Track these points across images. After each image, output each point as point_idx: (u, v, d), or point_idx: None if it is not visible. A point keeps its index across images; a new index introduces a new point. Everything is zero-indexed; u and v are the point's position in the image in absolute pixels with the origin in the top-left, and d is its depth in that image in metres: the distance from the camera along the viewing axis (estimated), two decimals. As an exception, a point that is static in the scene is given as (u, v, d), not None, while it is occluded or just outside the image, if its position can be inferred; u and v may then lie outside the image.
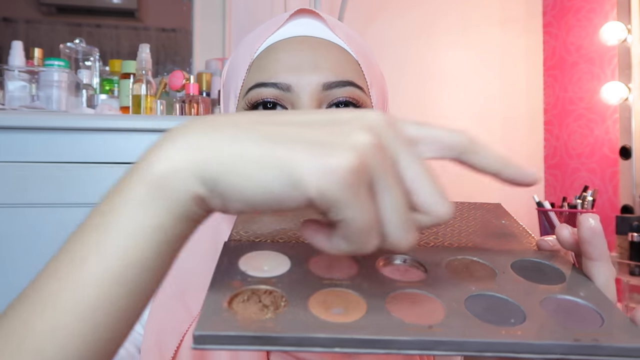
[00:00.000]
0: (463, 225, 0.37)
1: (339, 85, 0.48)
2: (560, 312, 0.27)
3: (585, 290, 0.29)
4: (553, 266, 0.32)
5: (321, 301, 0.26)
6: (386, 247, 0.24)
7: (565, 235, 0.32)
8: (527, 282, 0.29)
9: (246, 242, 0.32)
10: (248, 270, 0.28)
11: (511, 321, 0.26)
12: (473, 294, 0.28)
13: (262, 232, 0.34)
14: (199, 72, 1.19)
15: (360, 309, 0.26)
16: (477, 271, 0.31)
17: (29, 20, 1.43)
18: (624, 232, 1.22)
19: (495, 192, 1.64)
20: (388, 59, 1.57)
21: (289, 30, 0.50)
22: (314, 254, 0.31)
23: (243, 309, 0.25)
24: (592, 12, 1.47)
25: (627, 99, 1.33)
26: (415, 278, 0.29)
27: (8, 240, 0.81)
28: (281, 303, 0.26)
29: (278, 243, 0.32)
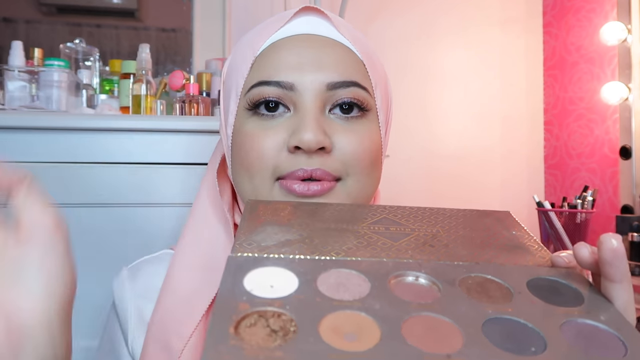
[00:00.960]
0: (473, 235, 0.36)
1: (343, 86, 0.47)
2: (581, 339, 0.26)
3: (606, 314, 0.28)
4: (570, 286, 0.30)
5: (332, 326, 0.25)
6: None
7: (585, 254, 0.30)
8: (545, 304, 0.28)
9: (251, 256, 0.31)
10: (254, 290, 0.27)
11: (532, 350, 0.25)
12: (490, 317, 0.27)
13: (267, 244, 0.33)
14: (199, 72, 1.19)
15: (373, 334, 0.25)
16: (492, 290, 0.30)
17: (29, 20, 1.43)
18: (624, 232, 1.22)
19: (495, 192, 1.64)
20: (388, 59, 1.57)
21: (293, 28, 0.49)
22: (322, 271, 0.30)
23: (250, 335, 0.24)
24: (592, 12, 1.47)
25: (627, 99, 1.33)
26: (429, 299, 0.28)
27: (8, 240, 0.82)
28: (290, 328, 0.25)
29: (284, 258, 0.31)
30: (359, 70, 0.49)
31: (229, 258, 0.31)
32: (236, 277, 0.28)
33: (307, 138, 0.44)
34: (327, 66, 0.47)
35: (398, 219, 0.38)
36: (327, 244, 0.33)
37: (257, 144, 0.47)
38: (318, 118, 0.46)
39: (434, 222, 0.38)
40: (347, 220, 0.37)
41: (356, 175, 0.47)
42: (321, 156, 0.46)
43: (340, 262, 0.31)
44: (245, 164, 0.48)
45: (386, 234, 0.35)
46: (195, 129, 0.88)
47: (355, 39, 0.51)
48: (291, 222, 0.36)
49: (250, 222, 0.36)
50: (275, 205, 0.39)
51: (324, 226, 0.36)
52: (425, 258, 0.32)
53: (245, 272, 0.29)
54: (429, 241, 0.35)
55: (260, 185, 0.47)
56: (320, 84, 0.47)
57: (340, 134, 0.47)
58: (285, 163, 0.46)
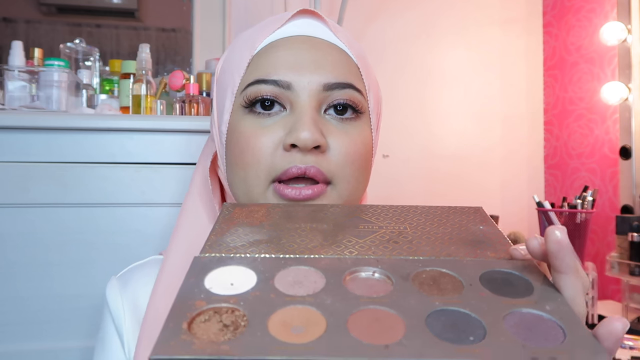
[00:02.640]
0: (439, 231, 0.37)
1: (339, 87, 0.48)
2: (522, 328, 0.26)
3: (552, 304, 0.28)
4: (523, 277, 0.31)
5: (282, 320, 0.26)
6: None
7: (534, 245, 0.31)
8: (493, 296, 0.29)
9: (216, 256, 0.32)
10: (213, 288, 0.28)
11: (470, 339, 0.25)
12: (436, 309, 0.28)
13: (235, 245, 0.34)
14: (199, 72, 1.19)
15: (319, 327, 0.25)
16: (445, 284, 0.30)
17: (29, 20, 1.43)
18: (624, 232, 1.22)
19: (495, 192, 1.64)
20: (388, 59, 1.57)
21: (290, 29, 0.50)
22: (282, 268, 0.31)
23: (203, 330, 0.25)
24: (592, 12, 1.47)
25: (627, 99, 1.33)
26: (381, 292, 0.29)
27: (8, 240, 0.81)
28: (241, 323, 0.26)
29: (249, 257, 0.32)
30: (354, 73, 0.50)
31: (195, 259, 0.32)
32: (198, 277, 0.30)
33: (304, 136, 0.45)
34: (324, 67, 0.48)
35: (369, 217, 0.39)
36: (294, 242, 0.34)
37: (253, 142, 0.47)
38: (314, 117, 0.47)
39: (402, 219, 0.39)
40: (319, 220, 0.38)
41: (347, 177, 0.48)
42: (316, 155, 0.46)
43: (302, 259, 0.32)
44: (241, 162, 0.48)
45: (354, 232, 0.36)
46: (195, 129, 0.88)
47: (351, 43, 0.52)
48: (263, 224, 0.37)
49: (224, 224, 0.37)
50: (251, 207, 0.40)
51: (294, 226, 0.37)
52: (387, 254, 0.33)
53: (207, 271, 0.30)
54: (394, 238, 0.36)
55: (254, 185, 0.48)
56: (317, 84, 0.47)
57: (334, 135, 0.48)
58: (280, 161, 0.46)
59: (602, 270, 1.31)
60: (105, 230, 0.85)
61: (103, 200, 0.85)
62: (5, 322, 0.81)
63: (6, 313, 0.81)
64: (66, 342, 0.82)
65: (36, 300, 0.82)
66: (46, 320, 0.82)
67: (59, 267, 0.83)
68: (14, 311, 0.81)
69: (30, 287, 0.82)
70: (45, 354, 0.81)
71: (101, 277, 0.84)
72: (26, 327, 0.82)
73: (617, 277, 1.22)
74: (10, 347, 0.80)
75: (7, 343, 0.80)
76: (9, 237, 0.82)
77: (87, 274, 0.84)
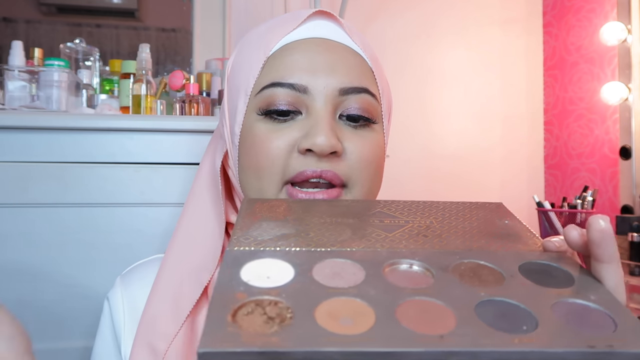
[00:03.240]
0: (466, 225, 0.37)
1: (355, 92, 0.48)
2: (572, 317, 0.26)
3: (596, 294, 0.28)
4: (561, 268, 0.31)
5: (328, 311, 0.25)
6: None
7: (574, 236, 0.31)
8: (536, 286, 0.29)
9: (248, 249, 0.32)
10: (251, 281, 0.28)
11: (523, 328, 0.25)
12: (483, 299, 0.27)
13: (263, 238, 0.33)
14: (199, 72, 1.19)
15: (368, 319, 0.25)
16: (485, 275, 0.30)
17: (29, 20, 1.43)
18: (624, 232, 1.22)
19: (495, 192, 1.64)
20: (388, 59, 1.57)
21: (306, 31, 0.49)
22: (318, 261, 0.30)
23: (248, 323, 0.24)
24: (592, 12, 1.47)
25: (627, 99, 1.33)
26: (423, 284, 0.29)
27: (8, 240, 0.81)
28: (287, 315, 0.25)
29: (280, 251, 0.32)
30: (368, 77, 0.50)
31: (227, 252, 0.31)
32: (233, 269, 0.29)
33: (321, 142, 0.45)
34: (339, 71, 0.48)
35: (392, 212, 0.39)
36: (323, 236, 0.34)
37: (268, 145, 0.47)
38: (331, 122, 0.46)
39: (427, 214, 0.39)
40: (342, 215, 0.38)
41: (362, 181, 0.48)
42: (331, 160, 0.46)
43: (335, 252, 0.32)
44: (254, 164, 0.48)
45: (380, 226, 0.36)
46: (195, 129, 0.88)
47: (365, 45, 0.51)
48: (287, 218, 0.37)
49: (247, 218, 0.37)
50: (271, 202, 0.40)
51: (320, 220, 0.36)
52: (419, 247, 0.33)
53: (242, 264, 0.30)
54: (423, 232, 0.35)
55: (267, 187, 0.47)
56: (333, 89, 0.47)
57: (350, 139, 0.48)
58: (294, 164, 0.46)
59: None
60: (105, 230, 0.85)
61: (103, 200, 0.85)
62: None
63: (6, 313, 0.81)
64: (66, 342, 0.82)
65: (36, 301, 0.82)
66: (46, 320, 0.82)
67: (59, 267, 0.83)
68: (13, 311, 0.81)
69: (30, 287, 0.82)
70: (45, 354, 0.81)
71: (101, 277, 0.84)
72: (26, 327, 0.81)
73: (617, 277, 1.22)
74: (10, 347, 0.80)
75: (7, 343, 0.80)
76: (9, 237, 0.82)
77: (87, 274, 0.84)
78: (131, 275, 0.56)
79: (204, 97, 1.09)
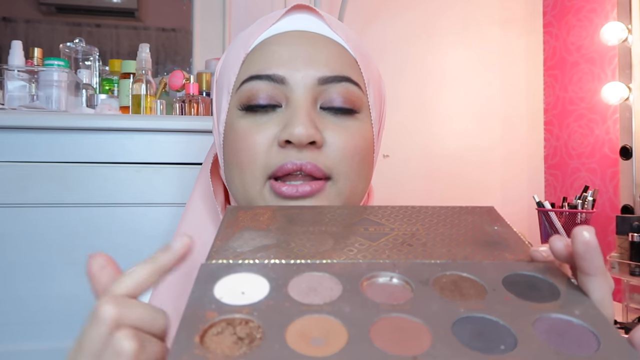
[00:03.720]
0: (454, 232, 0.36)
1: (335, 81, 0.47)
2: (553, 335, 0.25)
3: (581, 308, 0.27)
4: (547, 280, 0.30)
5: (299, 331, 0.25)
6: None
7: (559, 247, 0.30)
8: (519, 300, 0.28)
9: (224, 263, 0.31)
10: (224, 298, 0.27)
11: (501, 347, 0.24)
12: (461, 316, 0.26)
13: (243, 250, 0.32)
14: (199, 72, 1.19)
15: (341, 339, 0.24)
16: (466, 289, 0.29)
17: (28, 20, 1.43)
18: (624, 232, 1.21)
19: (495, 192, 1.64)
20: (388, 59, 1.57)
21: (285, 25, 0.49)
22: (295, 275, 0.30)
23: (216, 344, 0.24)
24: (593, 12, 1.47)
25: (628, 99, 1.33)
26: (401, 299, 0.28)
27: (9, 240, 0.81)
28: (257, 335, 0.24)
29: (258, 264, 0.31)
30: (351, 67, 0.49)
31: (202, 266, 0.30)
32: (207, 285, 0.28)
33: (298, 132, 0.44)
34: (318, 61, 0.47)
35: (378, 218, 0.38)
36: (304, 247, 0.33)
37: (248, 140, 0.46)
38: (310, 112, 0.46)
39: (414, 220, 0.37)
40: (326, 223, 0.37)
41: (346, 173, 0.47)
42: (312, 151, 0.45)
43: (314, 265, 0.31)
44: (237, 160, 0.47)
45: (365, 235, 0.35)
46: (196, 129, 0.88)
47: (348, 36, 0.51)
48: (270, 228, 0.36)
49: (228, 228, 0.36)
50: (256, 210, 0.39)
51: (303, 229, 0.35)
52: (402, 258, 0.32)
53: (216, 279, 0.29)
54: (407, 240, 0.34)
55: (250, 182, 0.47)
56: (311, 79, 0.46)
57: (331, 130, 0.47)
58: (275, 157, 0.46)
59: (602, 271, 1.31)
60: (105, 230, 0.85)
61: (103, 200, 0.85)
62: (5, 322, 0.81)
63: (6, 313, 0.81)
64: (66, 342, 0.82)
65: (36, 300, 0.82)
66: (46, 320, 0.82)
67: (59, 267, 0.83)
68: (13, 311, 0.81)
69: (30, 287, 0.82)
70: (45, 354, 0.81)
71: (101, 277, 0.84)
72: (26, 327, 0.81)
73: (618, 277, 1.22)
74: (10, 347, 0.80)
75: (6, 343, 0.80)
76: (9, 237, 0.81)
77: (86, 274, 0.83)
78: None
79: (204, 97, 1.09)
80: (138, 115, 1.05)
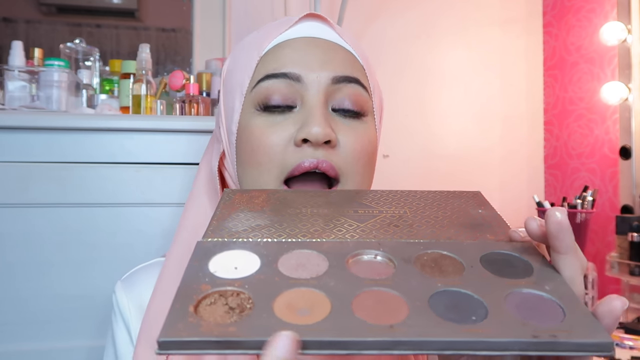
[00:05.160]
0: (439, 215, 0.37)
1: (347, 81, 0.49)
2: (523, 308, 0.27)
3: (552, 284, 0.29)
4: (522, 259, 0.32)
5: (287, 302, 0.26)
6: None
7: (534, 227, 0.32)
8: (494, 277, 0.30)
9: (219, 241, 0.33)
10: (217, 272, 0.29)
11: (472, 318, 0.26)
12: (438, 290, 0.28)
13: (237, 230, 0.34)
14: (199, 72, 1.19)
15: (324, 309, 0.26)
16: (446, 266, 0.31)
17: (29, 20, 1.43)
18: (624, 232, 1.22)
19: (495, 192, 1.64)
20: (388, 59, 1.57)
21: (297, 31, 0.51)
22: (285, 252, 0.31)
23: (209, 313, 0.25)
24: (592, 12, 1.47)
25: (627, 99, 1.33)
26: (383, 275, 0.30)
27: (8, 240, 0.81)
28: (247, 305, 0.26)
29: (251, 242, 0.33)
30: (360, 72, 0.52)
31: (198, 243, 0.32)
32: (202, 261, 0.30)
33: (315, 131, 0.46)
34: (331, 63, 0.49)
35: (368, 202, 0.39)
36: (295, 227, 0.35)
37: (264, 140, 0.48)
38: (324, 113, 0.48)
39: (402, 204, 0.39)
40: (319, 205, 0.39)
41: (354, 175, 0.49)
42: (326, 150, 0.47)
43: (303, 243, 0.33)
44: (253, 161, 0.49)
45: (354, 217, 0.37)
46: (195, 129, 0.88)
47: (356, 45, 0.53)
48: (264, 209, 0.38)
49: (225, 209, 0.38)
50: (251, 193, 0.41)
51: (295, 211, 0.37)
52: (388, 237, 0.34)
53: (211, 255, 0.31)
54: (394, 222, 0.36)
55: (267, 183, 0.48)
56: (325, 78, 0.48)
57: (343, 131, 0.49)
58: (292, 157, 0.47)
59: (602, 270, 1.31)
60: (105, 230, 0.85)
61: (103, 200, 0.85)
62: (5, 322, 0.81)
63: (6, 313, 0.81)
64: (66, 342, 0.82)
65: (36, 300, 0.82)
66: (46, 320, 0.82)
67: (59, 267, 0.83)
68: (13, 311, 0.81)
69: (30, 287, 0.82)
70: (45, 354, 0.81)
71: (101, 277, 0.84)
72: (26, 327, 0.81)
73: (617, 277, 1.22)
74: (9, 347, 0.80)
75: (6, 343, 0.80)
76: (9, 237, 0.82)
77: (87, 274, 0.83)
78: (134, 278, 0.56)
79: (204, 97, 1.09)
80: (138, 115, 1.05)
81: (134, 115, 1.05)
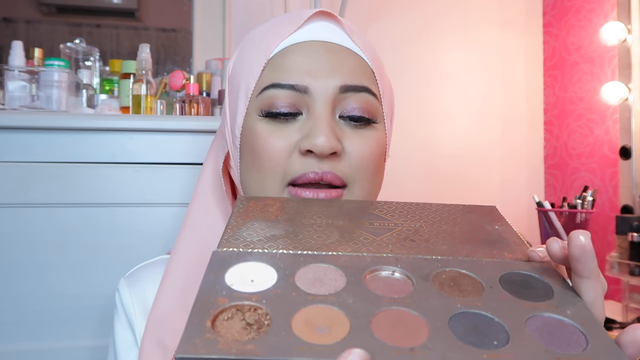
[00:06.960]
0: (456, 230, 0.37)
1: (355, 90, 0.48)
2: (544, 333, 0.26)
3: (573, 309, 0.28)
4: (542, 280, 0.31)
5: (305, 319, 0.26)
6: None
7: (556, 249, 0.31)
8: (514, 298, 0.29)
9: (235, 251, 0.32)
10: (234, 285, 0.29)
11: (494, 343, 0.25)
12: (458, 311, 0.28)
13: (252, 240, 0.34)
14: (199, 72, 1.19)
15: (343, 328, 0.26)
16: (465, 285, 0.30)
17: (29, 20, 1.43)
18: (624, 232, 1.21)
19: (495, 192, 1.64)
20: (388, 59, 1.57)
21: (306, 33, 0.50)
22: (302, 265, 0.31)
23: (226, 328, 0.25)
24: (592, 12, 1.47)
25: (627, 99, 1.33)
26: (402, 293, 0.29)
27: (8, 240, 0.81)
28: (265, 321, 0.26)
29: (267, 253, 0.32)
30: (369, 78, 0.50)
31: (213, 253, 0.32)
32: (218, 272, 0.30)
33: (320, 143, 0.45)
34: (340, 70, 0.48)
35: (383, 214, 0.39)
36: (311, 239, 0.34)
37: (269, 145, 0.47)
38: (330, 122, 0.47)
39: (418, 217, 0.39)
40: (334, 216, 0.38)
41: (362, 181, 0.48)
42: (332, 160, 0.46)
43: (320, 257, 0.32)
44: (257, 165, 0.48)
45: (369, 229, 0.36)
46: (195, 129, 0.88)
47: (366, 46, 0.52)
48: (278, 218, 0.37)
49: (239, 218, 0.37)
50: (265, 201, 0.40)
51: (310, 222, 0.37)
52: (404, 253, 0.33)
53: (227, 267, 0.30)
54: (411, 236, 0.36)
55: (270, 188, 0.48)
56: (333, 87, 0.47)
57: (349, 139, 0.48)
58: (296, 165, 0.46)
59: (602, 270, 1.31)
60: (106, 230, 0.85)
61: (103, 200, 0.85)
62: (5, 322, 0.81)
63: (6, 313, 0.81)
64: (66, 342, 0.82)
65: (36, 300, 0.82)
66: (46, 320, 0.82)
67: (59, 267, 0.83)
68: (13, 311, 0.81)
69: (30, 287, 0.82)
70: (45, 354, 0.81)
71: (101, 277, 0.84)
72: (26, 327, 0.82)
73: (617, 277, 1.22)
74: (9, 347, 0.80)
75: (6, 343, 0.80)
76: (9, 237, 0.82)
77: (87, 274, 0.84)
78: (138, 275, 0.56)
79: (204, 97, 1.09)
80: (138, 115, 1.05)
81: (134, 115, 1.05)
